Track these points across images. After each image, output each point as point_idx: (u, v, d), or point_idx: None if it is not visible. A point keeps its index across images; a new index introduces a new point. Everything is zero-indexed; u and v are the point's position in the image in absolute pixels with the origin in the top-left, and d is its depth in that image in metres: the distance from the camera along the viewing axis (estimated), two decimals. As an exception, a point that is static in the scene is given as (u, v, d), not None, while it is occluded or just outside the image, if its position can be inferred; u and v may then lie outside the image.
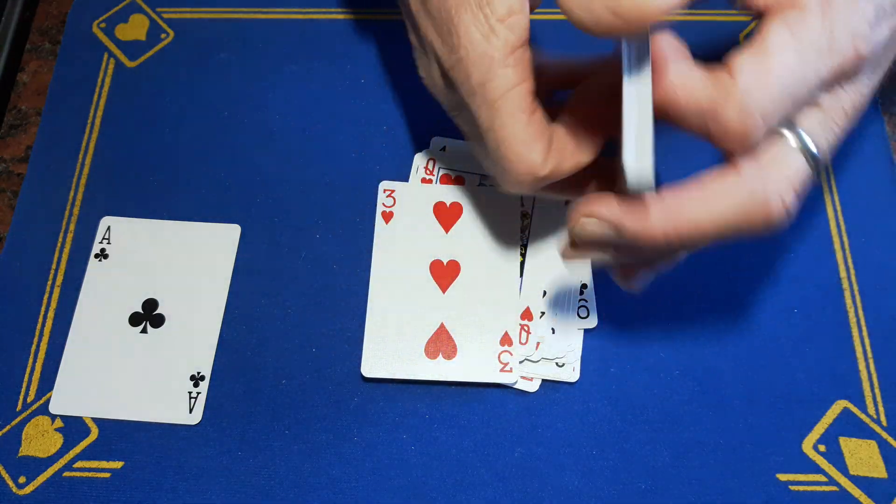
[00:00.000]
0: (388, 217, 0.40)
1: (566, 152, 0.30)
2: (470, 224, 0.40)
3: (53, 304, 0.39)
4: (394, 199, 0.40)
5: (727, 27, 0.46)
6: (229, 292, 0.39)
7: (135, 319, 0.38)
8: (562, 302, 0.38)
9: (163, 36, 0.46)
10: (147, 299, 0.39)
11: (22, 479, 0.35)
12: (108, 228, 0.40)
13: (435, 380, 0.36)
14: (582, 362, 0.37)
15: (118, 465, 0.35)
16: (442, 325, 0.37)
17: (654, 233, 0.28)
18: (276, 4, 0.47)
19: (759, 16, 0.29)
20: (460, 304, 0.38)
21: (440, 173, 0.41)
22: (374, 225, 0.40)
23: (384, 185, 0.41)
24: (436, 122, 0.44)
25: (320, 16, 0.47)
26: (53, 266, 0.39)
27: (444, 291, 0.38)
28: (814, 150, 0.28)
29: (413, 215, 0.40)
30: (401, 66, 0.45)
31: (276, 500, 0.35)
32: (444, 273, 0.39)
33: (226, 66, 0.45)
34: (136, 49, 0.46)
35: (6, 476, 0.35)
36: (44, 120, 0.44)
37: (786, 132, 0.28)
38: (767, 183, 0.27)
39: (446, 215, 0.40)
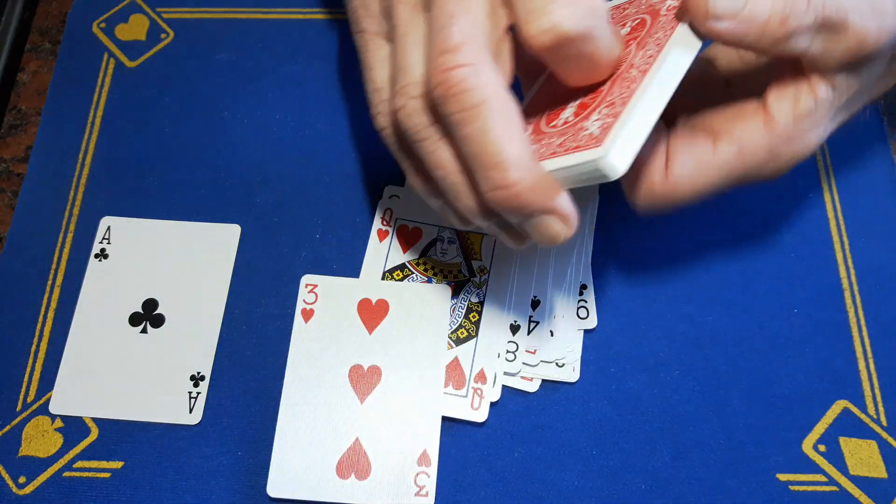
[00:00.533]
0: (307, 315, 0.37)
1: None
2: (396, 324, 0.37)
3: (53, 304, 0.39)
4: (315, 294, 0.38)
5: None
6: (229, 292, 0.39)
7: (135, 319, 0.38)
8: (562, 303, 0.38)
9: (163, 36, 0.46)
10: (147, 299, 0.39)
11: (22, 479, 0.35)
12: (108, 228, 0.40)
13: (345, 503, 0.34)
14: (582, 362, 0.37)
15: (118, 465, 0.35)
16: (357, 441, 0.35)
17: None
18: (276, 4, 0.47)
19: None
20: (379, 416, 0.35)
21: (397, 224, 0.40)
22: (372, 225, 0.40)
23: (306, 279, 0.38)
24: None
25: (320, 16, 0.47)
26: (53, 266, 0.39)
27: (362, 402, 0.36)
28: None
29: (335, 314, 0.37)
30: (401, 66, 0.45)
31: (275, 501, 0.35)
32: (364, 380, 0.36)
33: (226, 66, 0.45)
34: (136, 49, 0.46)
35: (6, 476, 0.35)
36: (44, 120, 0.44)
37: None
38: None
39: (371, 314, 0.37)
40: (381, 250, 0.39)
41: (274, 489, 0.34)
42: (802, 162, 0.31)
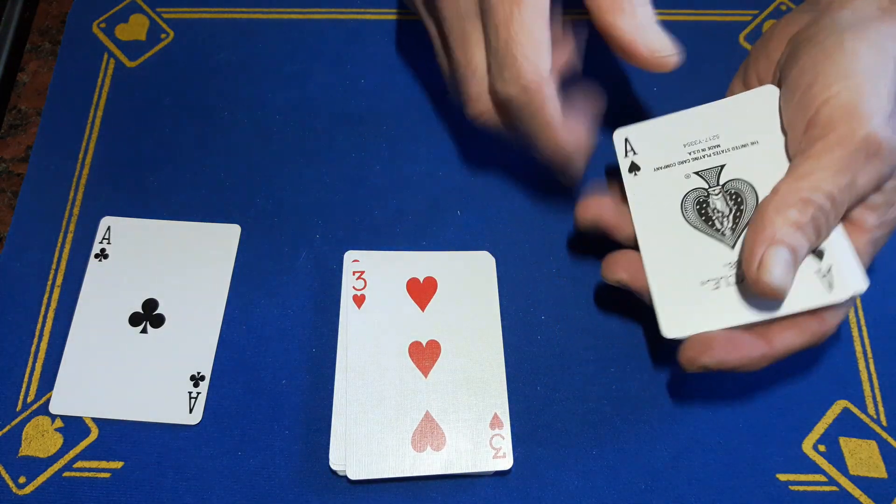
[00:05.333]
0: (359, 301, 0.37)
1: (556, 101, 0.32)
2: (446, 298, 0.38)
3: (53, 304, 0.39)
4: (364, 280, 0.38)
5: (727, 27, 0.46)
6: (229, 292, 0.39)
7: (135, 319, 0.38)
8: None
9: (163, 36, 0.46)
10: (147, 299, 0.39)
11: (22, 479, 0.35)
12: (108, 228, 0.40)
13: (424, 475, 0.34)
14: (581, 362, 0.37)
15: (118, 465, 0.35)
16: (427, 414, 0.35)
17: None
18: (276, 4, 0.47)
19: None
20: (445, 387, 0.36)
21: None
22: (372, 225, 0.40)
23: (350, 254, 0.39)
24: (435, 120, 0.44)
25: (320, 16, 0.47)
26: (53, 266, 0.39)
27: (426, 376, 0.36)
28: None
29: (385, 296, 0.38)
30: (401, 66, 0.45)
31: (276, 501, 0.35)
32: (425, 356, 0.37)
33: (226, 66, 0.45)
34: (136, 49, 0.46)
35: (6, 476, 0.35)
36: (44, 120, 0.44)
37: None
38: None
39: (420, 291, 0.38)
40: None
41: (354, 472, 0.34)
42: None
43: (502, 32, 0.30)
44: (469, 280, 0.39)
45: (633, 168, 0.35)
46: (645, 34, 0.31)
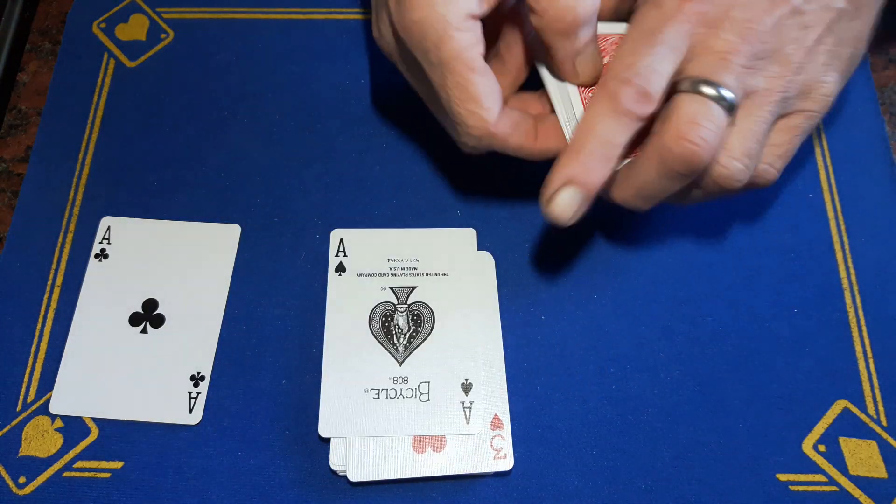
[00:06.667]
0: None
1: (520, 128, 0.34)
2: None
3: (53, 304, 0.39)
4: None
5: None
6: (229, 292, 0.39)
7: (135, 319, 0.38)
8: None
9: (163, 36, 0.46)
10: (147, 299, 0.39)
11: (22, 479, 0.35)
12: (108, 228, 0.40)
13: (425, 476, 0.34)
14: (582, 362, 0.37)
15: (118, 465, 0.35)
16: None
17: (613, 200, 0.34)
18: (276, 4, 0.47)
19: None
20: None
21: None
22: (372, 226, 0.40)
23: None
24: (434, 120, 0.44)
25: (320, 16, 0.47)
26: (53, 266, 0.39)
27: None
28: (705, 88, 0.30)
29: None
30: (401, 66, 0.45)
31: (276, 501, 0.35)
32: None
33: (226, 66, 0.45)
34: (136, 49, 0.46)
35: (6, 476, 0.35)
36: (44, 120, 0.44)
37: (683, 87, 0.31)
38: (667, 132, 0.30)
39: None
40: None
41: (355, 474, 0.34)
42: None
43: (442, 94, 0.32)
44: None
45: (340, 269, 0.38)
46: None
